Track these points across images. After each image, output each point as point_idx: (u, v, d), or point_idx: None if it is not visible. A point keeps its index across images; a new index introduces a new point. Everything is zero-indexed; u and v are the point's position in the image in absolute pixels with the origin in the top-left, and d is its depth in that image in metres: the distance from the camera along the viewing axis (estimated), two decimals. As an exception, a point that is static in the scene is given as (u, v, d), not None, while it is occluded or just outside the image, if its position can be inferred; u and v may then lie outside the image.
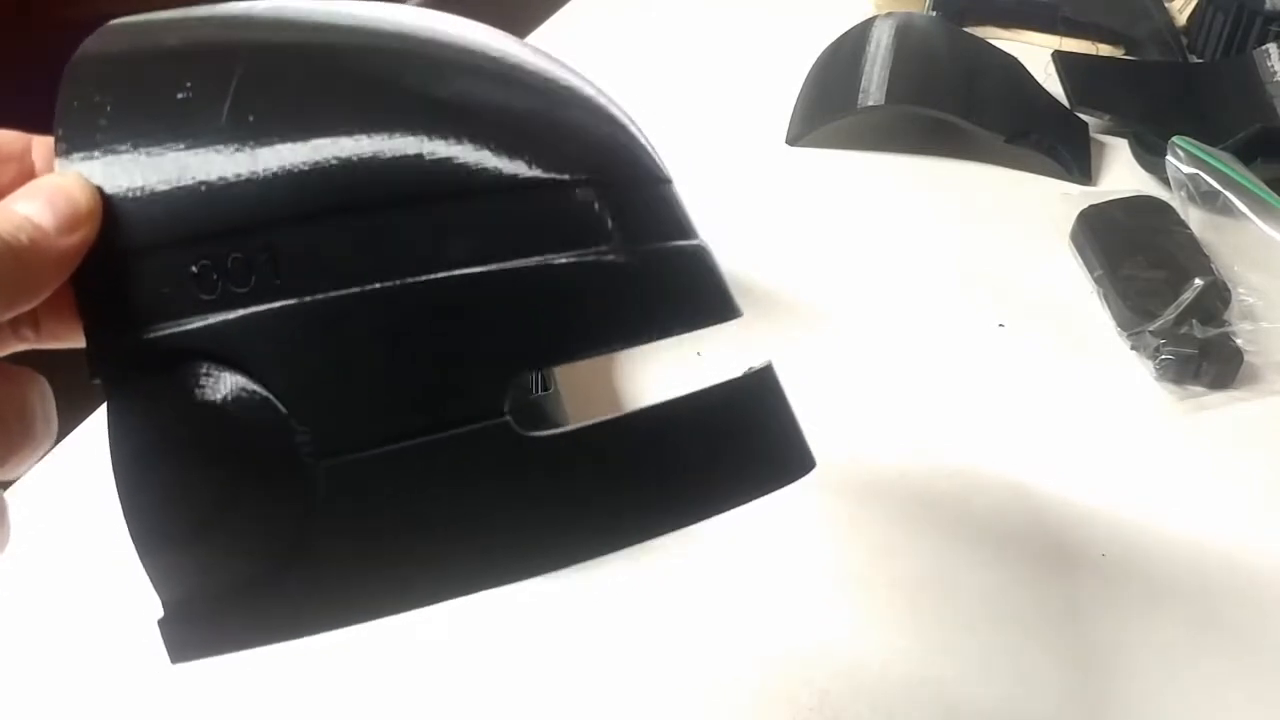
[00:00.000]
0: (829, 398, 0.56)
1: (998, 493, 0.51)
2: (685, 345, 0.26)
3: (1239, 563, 0.47)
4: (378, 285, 0.25)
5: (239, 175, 0.25)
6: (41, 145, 0.26)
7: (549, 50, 0.30)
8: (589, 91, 0.30)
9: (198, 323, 0.24)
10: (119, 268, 0.24)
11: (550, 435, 0.26)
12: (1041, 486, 0.51)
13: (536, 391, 0.49)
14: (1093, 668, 0.43)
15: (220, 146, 0.25)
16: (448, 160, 0.26)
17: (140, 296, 0.24)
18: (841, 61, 0.80)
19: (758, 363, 0.29)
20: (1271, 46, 0.77)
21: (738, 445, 0.28)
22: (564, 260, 0.26)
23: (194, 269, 0.24)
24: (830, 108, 0.78)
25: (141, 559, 0.24)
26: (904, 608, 0.46)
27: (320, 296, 0.25)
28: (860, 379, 0.57)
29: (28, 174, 0.26)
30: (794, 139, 0.78)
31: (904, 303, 0.63)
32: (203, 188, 0.25)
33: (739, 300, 0.29)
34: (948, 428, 0.54)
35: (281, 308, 0.25)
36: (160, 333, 0.24)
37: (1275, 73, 0.76)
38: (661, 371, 0.55)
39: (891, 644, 0.44)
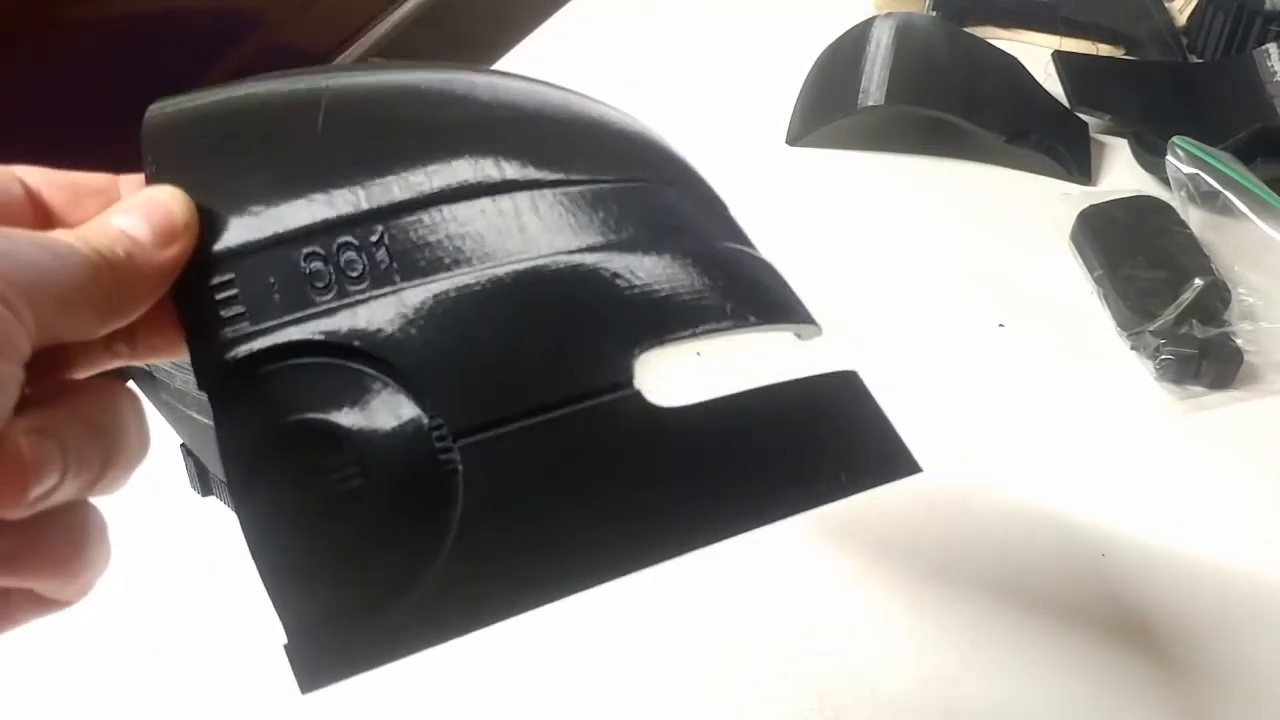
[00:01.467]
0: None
1: (997, 493, 0.51)
2: (683, 345, 0.27)
3: (1239, 563, 0.47)
4: (498, 268, 0.25)
5: (342, 171, 0.25)
6: (130, 182, 0.26)
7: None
8: (636, 122, 0.32)
9: (311, 320, 0.24)
10: (220, 274, 0.24)
11: (682, 407, 0.25)
12: (1041, 486, 0.51)
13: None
14: (1093, 668, 0.43)
15: (318, 148, 0.25)
16: (555, 156, 0.27)
17: (246, 300, 0.24)
18: (841, 61, 0.80)
19: (840, 367, 0.30)
20: (1271, 46, 0.77)
21: (847, 432, 0.29)
22: (656, 247, 0.27)
23: (304, 266, 0.24)
24: (830, 108, 0.78)
25: (266, 583, 0.23)
26: (904, 608, 0.46)
27: (440, 280, 0.24)
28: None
29: (114, 203, 0.26)
30: (794, 139, 0.78)
31: (904, 303, 0.63)
32: (304, 185, 0.25)
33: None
34: (948, 428, 0.54)
35: (402, 293, 0.24)
36: (269, 336, 0.24)
37: (1275, 73, 0.76)
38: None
39: (892, 644, 0.44)
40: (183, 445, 0.47)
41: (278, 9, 0.85)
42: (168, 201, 0.23)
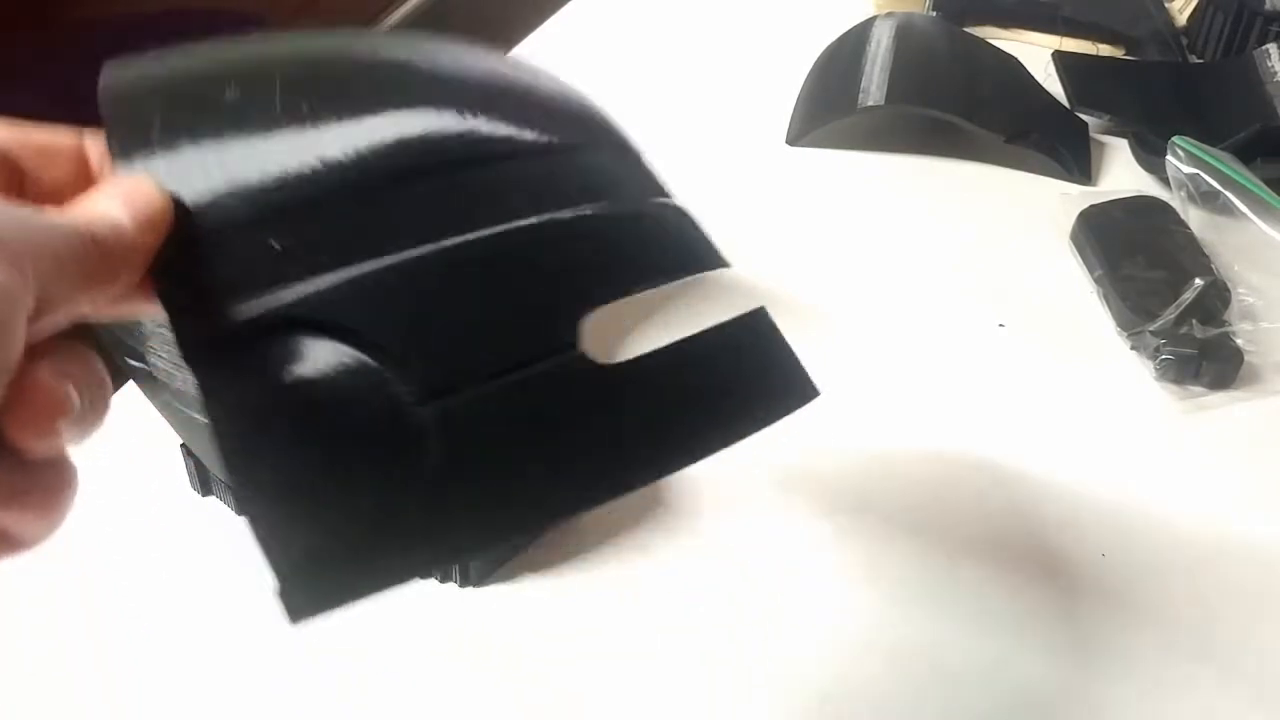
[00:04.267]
0: (829, 397, 0.56)
1: (998, 493, 0.51)
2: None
3: (1239, 563, 0.47)
4: (453, 240, 0.27)
5: (304, 154, 0.26)
6: (95, 139, 0.27)
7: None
8: (557, 81, 0.33)
9: (286, 294, 0.25)
10: (198, 254, 0.25)
11: (623, 363, 0.28)
12: (1041, 486, 0.51)
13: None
14: (1093, 668, 0.43)
15: (280, 131, 0.26)
16: (482, 132, 0.28)
17: (223, 278, 0.25)
18: (841, 61, 0.80)
19: (747, 307, 0.32)
20: (1271, 46, 0.77)
21: (756, 371, 0.32)
22: (591, 211, 0.29)
23: (274, 244, 0.25)
24: (830, 108, 0.78)
25: (254, 530, 0.25)
26: (904, 608, 0.46)
27: (404, 254, 0.26)
28: (860, 379, 0.57)
29: (83, 168, 0.27)
30: (794, 139, 0.78)
31: (904, 303, 0.63)
32: (271, 168, 0.26)
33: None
34: (948, 428, 0.54)
35: (369, 270, 0.26)
36: (248, 311, 0.25)
37: (1275, 73, 0.75)
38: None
39: (891, 644, 0.44)
40: (183, 445, 0.47)
41: (278, 10, 0.85)
42: (147, 189, 0.25)
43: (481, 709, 0.42)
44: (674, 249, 0.31)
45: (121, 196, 0.24)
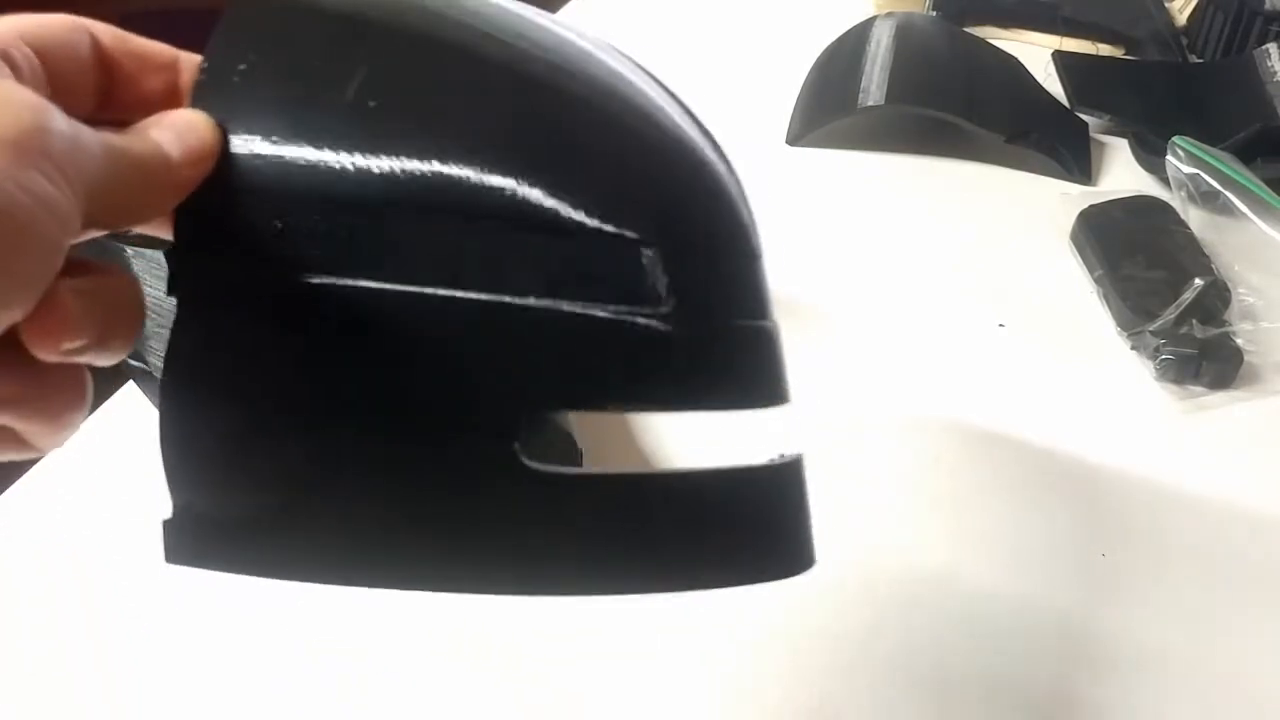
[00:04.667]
0: (829, 398, 0.56)
1: (998, 493, 0.51)
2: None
3: (1239, 563, 0.47)
4: (438, 291, 0.26)
5: (341, 155, 0.26)
6: (188, 62, 0.28)
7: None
8: (700, 146, 0.30)
9: (273, 274, 0.26)
10: (219, 202, 0.26)
11: (552, 472, 0.27)
12: (1041, 486, 0.51)
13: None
14: (1093, 668, 0.43)
15: (334, 123, 0.26)
16: (529, 198, 0.27)
17: (230, 233, 0.26)
18: (841, 61, 0.80)
19: (788, 451, 0.30)
20: (1271, 46, 0.77)
21: (733, 533, 0.29)
22: (603, 314, 0.26)
23: (279, 225, 0.26)
24: (830, 108, 0.78)
25: (164, 458, 0.26)
26: (903, 607, 0.46)
27: (386, 287, 0.26)
28: (860, 379, 0.57)
29: (173, 86, 0.28)
30: (794, 139, 0.78)
31: (904, 303, 0.63)
32: (308, 157, 0.26)
33: (790, 384, 0.30)
34: (948, 428, 0.54)
35: (347, 287, 0.26)
36: (237, 270, 0.26)
37: (1275, 73, 0.75)
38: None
39: (891, 644, 0.44)
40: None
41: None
42: (201, 126, 0.26)
43: (481, 709, 0.42)
44: (714, 379, 0.28)
45: (176, 129, 0.25)
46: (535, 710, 0.42)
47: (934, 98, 0.75)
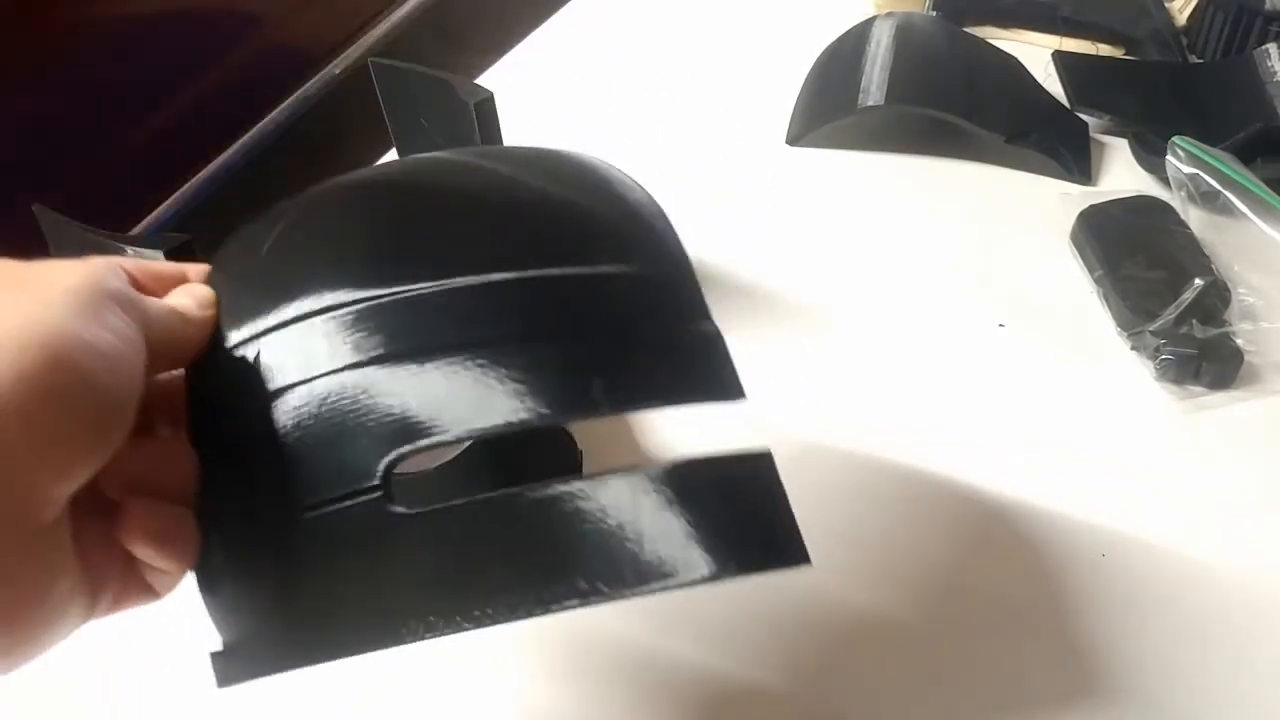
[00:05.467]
0: (829, 398, 0.56)
1: (997, 493, 0.51)
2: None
3: (1239, 563, 0.47)
4: (312, 382, 0.30)
5: (256, 292, 0.32)
6: (195, 271, 0.34)
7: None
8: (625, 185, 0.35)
9: (248, 407, 0.31)
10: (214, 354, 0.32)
11: (414, 512, 0.28)
12: (1041, 486, 0.51)
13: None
14: (1093, 668, 0.43)
15: (254, 275, 0.33)
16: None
17: (220, 385, 0.32)
18: (841, 61, 0.80)
19: (754, 447, 0.31)
20: (1271, 46, 0.77)
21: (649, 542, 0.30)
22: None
23: (248, 357, 0.31)
24: (830, 108, 0.78)
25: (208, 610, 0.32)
26: (903, 608, 0.46)
27: (289, 383, 0.30)
28: (860, 379, 0.57)
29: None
30: (794, 139, 0.78)
31: (904, 303, 0.63)
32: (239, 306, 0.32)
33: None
34: (948, 428, 0.54)
35: (292, 396, 0.30)
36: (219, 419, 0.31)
37: (1275, 73, 0.75)
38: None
39: (891, 645, 0.44)
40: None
41: (276, 8, 0.85)
42: (207, 295, 0.33)
43: (481, 709, 0.42)
44: (671, 374, 0.31)
45: (193, 295, 0.32)
46: (535, 710, 0.42)
47: (934, 98, 0.75)
